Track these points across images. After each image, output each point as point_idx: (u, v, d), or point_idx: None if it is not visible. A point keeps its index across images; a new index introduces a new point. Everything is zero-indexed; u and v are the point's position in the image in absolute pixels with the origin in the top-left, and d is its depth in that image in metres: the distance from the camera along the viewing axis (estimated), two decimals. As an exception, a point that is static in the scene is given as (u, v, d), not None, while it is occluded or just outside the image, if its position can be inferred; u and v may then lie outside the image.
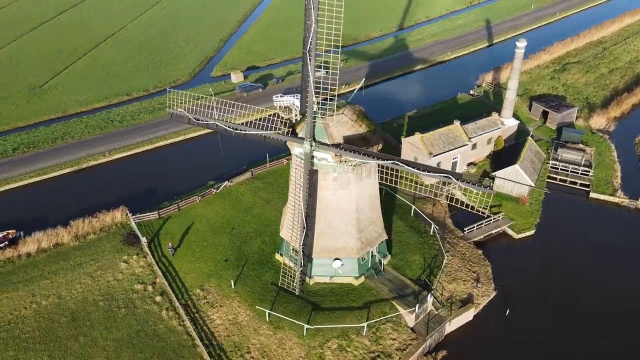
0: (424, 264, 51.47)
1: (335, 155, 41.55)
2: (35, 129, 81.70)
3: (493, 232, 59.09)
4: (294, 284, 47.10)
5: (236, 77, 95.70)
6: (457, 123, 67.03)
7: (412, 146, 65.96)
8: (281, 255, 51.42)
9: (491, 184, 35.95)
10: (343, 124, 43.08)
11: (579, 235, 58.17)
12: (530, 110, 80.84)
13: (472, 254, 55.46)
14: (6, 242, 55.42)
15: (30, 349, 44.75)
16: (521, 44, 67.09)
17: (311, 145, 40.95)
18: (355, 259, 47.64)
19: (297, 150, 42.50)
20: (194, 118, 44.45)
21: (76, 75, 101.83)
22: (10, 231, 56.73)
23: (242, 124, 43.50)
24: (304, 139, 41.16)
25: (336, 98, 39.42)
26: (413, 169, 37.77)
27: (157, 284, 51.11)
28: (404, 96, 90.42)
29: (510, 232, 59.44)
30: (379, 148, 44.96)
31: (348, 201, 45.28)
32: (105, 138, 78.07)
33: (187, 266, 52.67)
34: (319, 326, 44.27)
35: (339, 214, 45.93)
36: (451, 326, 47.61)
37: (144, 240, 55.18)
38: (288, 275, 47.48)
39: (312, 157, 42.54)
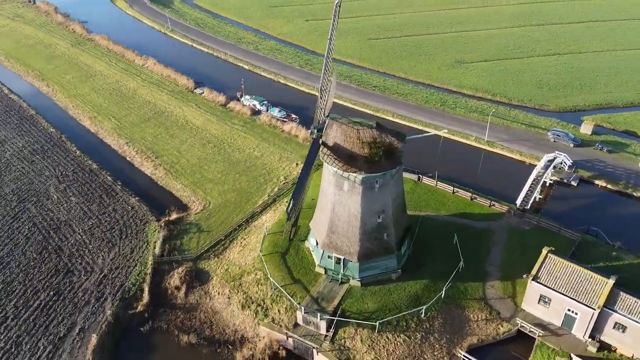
0: (375, 309, 51.16)
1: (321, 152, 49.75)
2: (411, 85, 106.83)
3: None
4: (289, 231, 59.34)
5: (585, 128, 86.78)
6: (611, 280, 48.22)
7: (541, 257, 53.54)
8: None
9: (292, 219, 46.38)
10: (344, 135, 49.42)
11: None
12: None
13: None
14: (286, 120, 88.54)
15: (209, 162, 79.37)
16: None
17: (311, 133, 50.46)
18: (321, 250, 54.42)
19: (316, 131, 52.13)
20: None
21: (506, 72, 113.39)
22: (294, 116, 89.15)
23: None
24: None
25: (325, 106, 46.99)
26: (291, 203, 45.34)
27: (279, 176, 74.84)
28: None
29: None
30: (368, 173, 48.53)
31: (331, 196, 52.00)
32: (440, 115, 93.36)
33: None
34: (264, 261, 57.04)
35: (325, 203, 53.65)
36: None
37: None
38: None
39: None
